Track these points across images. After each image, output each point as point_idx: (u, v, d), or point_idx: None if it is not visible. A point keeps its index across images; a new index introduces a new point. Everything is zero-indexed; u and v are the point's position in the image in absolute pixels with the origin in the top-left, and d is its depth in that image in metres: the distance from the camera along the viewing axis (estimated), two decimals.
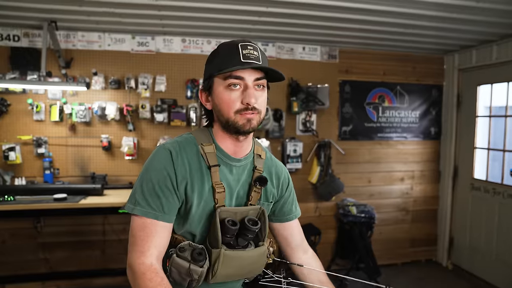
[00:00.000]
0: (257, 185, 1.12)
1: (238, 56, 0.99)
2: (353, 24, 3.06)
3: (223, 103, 1.02)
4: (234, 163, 1.10)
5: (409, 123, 4.12)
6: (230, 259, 1.01)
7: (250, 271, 1.11)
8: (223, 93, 1.02)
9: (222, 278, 1.04)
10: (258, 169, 1.14)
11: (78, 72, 3.28)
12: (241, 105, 1.01)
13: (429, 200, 4.28)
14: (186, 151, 1.05)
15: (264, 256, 1.12)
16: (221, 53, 1.03)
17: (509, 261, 3.44)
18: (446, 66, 4.16)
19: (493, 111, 3.75)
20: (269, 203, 1.20)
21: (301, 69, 3.75)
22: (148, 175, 1.02)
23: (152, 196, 1.00)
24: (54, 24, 2.95)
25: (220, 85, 1.02)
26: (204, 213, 1.06)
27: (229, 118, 1.02)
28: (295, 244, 1.31)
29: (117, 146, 3.38)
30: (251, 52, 1.00)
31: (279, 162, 1.27)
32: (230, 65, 0.99)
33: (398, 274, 3.98)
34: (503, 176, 3.58)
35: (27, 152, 3.24)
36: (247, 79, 1.01)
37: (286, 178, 1.26)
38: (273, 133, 3.65)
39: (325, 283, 1.24)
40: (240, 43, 1.01)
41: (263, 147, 1.22)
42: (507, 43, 3.39)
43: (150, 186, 1.01)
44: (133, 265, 0.96)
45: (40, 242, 3.33)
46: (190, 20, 3.03)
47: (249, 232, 1.04)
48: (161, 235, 1.00)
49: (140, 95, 3.36)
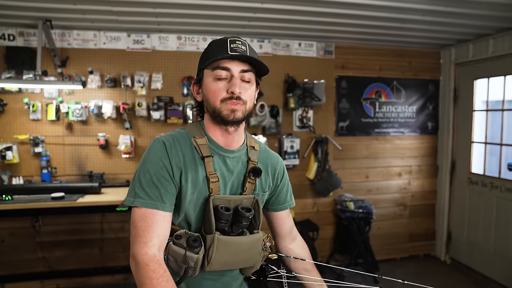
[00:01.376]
0: (251, 176, 1.15)
1: (226, 49, 1.05)
2: (349, 19, 3.06)
3: (210, 93, 1.08)
4: (228, 154, 1.13)
5: (406, 118, 4.12)
6: (224, 244, 1.04)
7: (246, 259, 1.13)
8: (211, 84, 1.07)
9: (218, 265, 1.06)
10: (252, 160, 1.17)
11: (74, 70, 3.28)
12: (226, 94, 1.06)
13: (427, 194, 4.29)
14: (180, 143, 1.09)
15: (259, 245, 1.14)
16: (211, 47, 1.10)
17: (507, 255, 3.45)
18: (442, 60, 4.16)
19: (490, 105, 3.75)
20: (264, 193, 1.22)
21: (297, 65, 3.74)
22: (145, 167, 1.05)
23: (151, 187, 1.02)
24: (49, 23, 2.95)
25: (209, 77, 1.08)
26: (198, 202, 1.09)
27: (215, 107, 1.07)
28: (284, 232, 1.34)
29: (114, 144, 3.39)
30: (239, 46, 1.06)
31: (275, 153, 1.30)
32: (218, 57, 1.04)
33: (396, 269, 3.99)
34: (500, 170, 3.58)
35: (24, 151, 3.25)
36: (233, 70, 1.06)
37: (281, 169, 1.29)
38: (270, 130, 3.65)
39: (311, 271, 1.29)
40: (229, 39, 1.07)
41: (256, 140, 1.25)
42: (503, 36, 3.39)
43: (148, 178, 1.03)
44: (137, 256, 0.97)
45: (39, 241, 3.33)
46: (185, 17, 3.02)
47: (243, 219, 1.07)
48: (162, 224, 1.02)
49: (137, 93, 3.36)
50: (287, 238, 1.34)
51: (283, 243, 1.34)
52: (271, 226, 1.35)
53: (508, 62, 3.43)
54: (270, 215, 1.32)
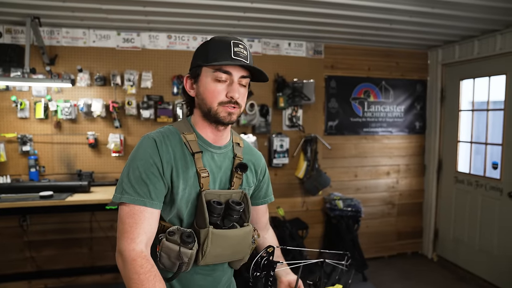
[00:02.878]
0: (238, 171, 1.18)
1: (229, 52, 1.06)
2: (338, 19, 3.10)
3: (208, 93, 1.08)
4: (215, 151, 1.16)
5: (394, 117, 4.18)
6: (218, 237, 1.06)
7: (237, 251, 1.15)
8: (210, 84, 1.08)
9: (212, 258, 1.08)
10: (238, 156, 1.21)
11: (62, 69, 3.26)
12: (225, 98, 1.08)
13: (415, 193, 4.36)
14: (169, 139, 1.10)
15: (250, 237, 1.17)
16: (214, 46, 1.08)
17: (491, 252, 3.53)
18: (430, 61, 4.23)
19: (476, 105, 3.83)
20: (250, 188, 1.25)
21: (287, 64, 3.77)
22: (135, 164, 1.05)
23: (139, 184, 1.03)
24: (38, 20, 2.92)
25: (208, 76, 1.08)
26: (190, 198, 1.10)
27: (212, 108, 1.09)
28: (263, 225, 1.39)
29: (104, 143, 3.37)
30: (241, 50, 1.08)
31: (257, 151, 1.34)
32: (221, 59, 1.05)
33: (384, 266, 4.04)
34: (485, 169, 3.66)
35: (11, 150, 3.21)
36: (234, 75, 1.07)
37: (264, 166, 1.33)
38: (259, 129, 3.67)
39: (280, 257, 1.32)
40: (232, 41, 1.08)
41: (240, 137, 1.29)
42: (487, 38, 3.46)
43: (137, 174, 1.04)
44: (124, 252, 0.98)
45: (26, 241, 3.30)
46: (175, 16, 3.03)
47: (234, 212, 1.09)
48: (150, 221, 1.02)
49: (126, 92, 3.35)
50: (263, 229, 1.40)
51: (261, 233, 1.39)
52: (254, 222, 1.37)
53: (492, 63, 3.51)
54: (254, 210, 1.35)
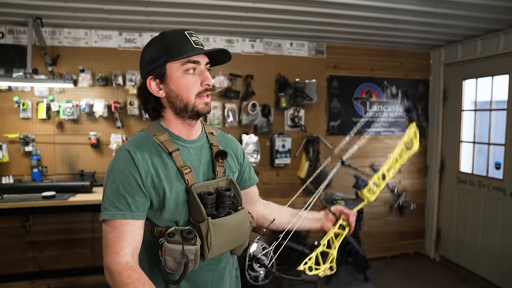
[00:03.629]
0: (219, 159, 1.17)
1: (189, 42, 1.06)
2: (341, 19, 3.09)
3: (183, 87, 1.07)
4: (191, 145, 1.16)
5: (396, 117, 4.17)
6: (219, 226, 1.05)
7: (239, 235, 1.15)
8: (182, 78, 1.07)
9: (217, 249, 1.07)
10: (215, 145, 1.21)
11: (64, 69, 3.26)
12: (200, 87, 1.08)
13: (417, 193, 4.34)
14: (142, 146, 1.08)
15: (247, 219, 1.17)
16: (172, 40, 1.06)
17: (494, 252, 3.52)
18: (432, 61, 4.22)
19: (478, 105, 3.81)
20: (234, 174, 1.26)
21: (289, 64, 3.76)
22: (111, 178, 1.04)
23: (118, 197, 1.02)
24: (40, 20, 2.92)
25: (177, 71, 1.06)
26: (179, 197, 1.08)
27: (189, 102, 1.08)
28: (254, 201, 1.42)
29: (106, 143, 3.37)
30: (197, 39, 1.09)
31: (231, 137, 1.35)
32: (187, 50, 1.04)
33: (387, 267, 4.04)
34: (488, 169, 3.65)
35: (14, 150, 3.22)
36: (201, 63, 1.08)
37: (241, 150, 1.34)
38: (261, 129, 3.67)
39: (294, 214, 1.37)
40: (186, 31, 1.08)
41: (211, 126, 1.28)
42: (491, 38, 3.45)
43: (114, 188, 1.02)
44: (109, 266, 0.98)
45: (29, 241, 3.31)
46: (177, 16, 3.02)
47: (225, 198, 1.10)
48: (133, 233, 1.02)
49: (128, 92, 3.35)
50: (260, 204, 1.44)
51: (257, 208, 1.42)
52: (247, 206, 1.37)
53: (495, 63, 3.49)
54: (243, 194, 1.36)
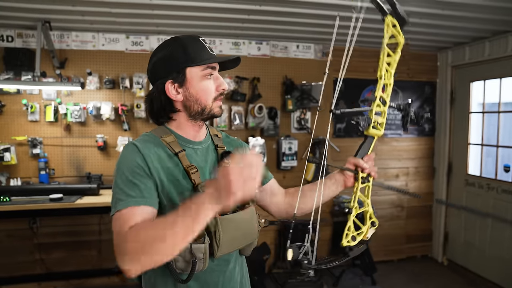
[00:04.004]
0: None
1: (206, 48, 1.11)
2: (347, 21, 3.07)
3: (203, 91, 1.11)
4: (197, 146, 1.17)
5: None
6: (227, 222, 1.05)
7: (248, 232, 1.14)
8: (202, 83, 1.10)
9: (226, 246, 1.06)
10: (220, 146, 1.22)
11: (72, 72, 3.28)
12: (216, 92, 1.12)
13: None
14: (149, 142, 1.09)
15: (255, 216, 1.17)
16: (190, 46, 1.10)
17: (503, 256, 3.47)
18: (439, 63, 4.19)
19: (486, 107, 3.78)
20: None
21: (295, 67, 3.76)
22: (121, 170, 1.03)
23: (129, 186, 0.99)
24: (48, 24, 2.95)
25: (198, 75, 1.10)
26: (185, 196, 1.07)
27: (207, 105, 1.12)
28: (276, 193, 1.35)
29: (113, 145, 3.39)
30: (210, 45, 1.14)
31: (236, 138, 1.36)
32: (206, 57, 1.10)
33: (394, 270, 4.00)
34: (496, 172, 3.61)
35: (22, 152, 3.24)
36: (217, 68, 1.14)
37: (247, 148, 1.35)
38: (268, 131, 3.66)
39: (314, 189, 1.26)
40: (200, 38, 1.13)
41: (216, 128, 1.30)
42: (499, 39, 3.42)
43: (124, 178, 1.01)
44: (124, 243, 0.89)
45: (36, 243, 3.33)
46: (183, 19, 3.04)
47: None
48: (145, 216, 0.97)
49: (135, 95, 3.37)
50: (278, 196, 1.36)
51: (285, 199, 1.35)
52: (263, 204, 1.35)
53: (504, 65, 3.46)
54: (260, 192, 1.32)
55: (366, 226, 1.12)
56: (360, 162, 1.19)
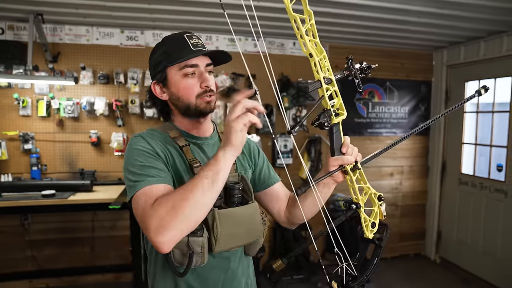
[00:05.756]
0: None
1: (188, 46, 1.08)
2: (344, 19, 3.07)
3: (183, 90, 1.10)
4: (203, 142, 1.18)
5: (398, 118, 4.16)
6: (226, 217, 1.04)
7: (250, 228, 1.12)
8: (181, 82, 1.09)
9: (225, 241, 1.04)
10: None
11: (65, 66, 3.22)
12: (199, 89, 1.09)
13: (418, 194, 4.34)
14: (155, 135, 1.11)
15: (258, 213, 1.15)
16: (170, 45, 1.10)
17: (495, 254, 3.51)
18: (435, 62, 4.21)
19: (480, 107, 3.81)
20: (246, 171, 1.24)
21: (292, 64, 3.74)
22: (132, 159, 1.01)
23: (144, 169, 0.98)
24: (41, 17, 2.89)
25: (177, 75, 1.10)
26: None
27: (191, 103, 1.10)
28: (281, 199, 1.31)
29: (106, 141, 3.34)
30: (197, 41, 1.10)
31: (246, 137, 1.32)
32: (184, 54, 1.07)
33: (387, 268, 4.02)
34: (489, 171, 3.64)
35: (13, 148, 3.18)
36: (200, 65, 1.10)
37: (255, 146, 1.33)
38: (263, 129, 3.64)
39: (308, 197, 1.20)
40: (185, 34, 1.10)
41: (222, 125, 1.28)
42: (494, 40, 3.44)
43: (138, 164, 0.99)
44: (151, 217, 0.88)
45: (28, 240, 3.27)
46: (179, 14, 2.99)
47: (234, 192, 1.08)
48: (167, 192, 0.95)
49: (130, 90, 3.32)
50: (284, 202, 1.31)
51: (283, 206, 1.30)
52: (269, 206, 1.31)
53: (498, 65, 3.49)
54: (265, 194, 1.30)
55: (377, 205, 1.08)
56: (344, 159, 1.06)
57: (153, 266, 1.15)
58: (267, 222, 1.22)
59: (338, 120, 1.00)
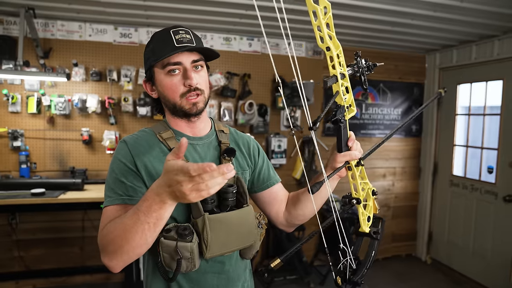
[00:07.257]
0: (226, 157, 1.13)
1: (171, 42, 1.02)
2: (338, 20, 3.07)
3: (167, 89, 1.06)
4: (197, 142, 1.13)
5: (391, 120, 4.19)
6: (216, 222, 0.99)
7: (242, 235, 1.07)
8: (165, 80, 1.06)
9: (217, 247, 1.00)
10: (223, 143, 1.17)
11: (57, 62, 3.16)
12: (184, 88, 1.05)
13: (410, 196, 4.37)
14: (142, 141, 1.08)
15: (252, 218, 1.10)
16: (155, 42, 1.06)
17: (485, 255, 3.55)
18: (427, 65, 4.25)
19: (472, 110, 3.85)
20: (244, 171, 1.20)
21: (286, 64, 3.72)
22: (111, 168, 1.05)
23: (117, 184, 1.01)
24: (32, 11, 2.83)
25: (161, 73, 1.06)
26: None
27: (176, 102, 1.06)
28: (280, 200, 1.28)
29: (98, 139, 3.28)
30: (184, 36, 1.04)
31: (245, 134, 1.30)
32: (166, 51, 1.02)
33: (379, 269, 4.03)
34: (480, 173, 3.68)
35: (1, 145, 3.10)
36: (184, 62, 1.04)
37: (255, 145, 1.29)
38: (257, 128, 3.63)
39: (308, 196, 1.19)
40: (171, 30, 1.05)
41: (225, 124, 1.25)
42: (485, 43, 3.49)
43: (113, 176, 1.02)
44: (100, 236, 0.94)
45: (15, 240, 3.19)
46: (174, 12, 2.96)
47: (228, 195, 1.04)
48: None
49: (123, 88, 3.27)
50: (283, 204, 1.29)
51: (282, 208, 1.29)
52: (266, 209, 1.29)
53: (489, 69, 3.53)
54: (263, 196, 1.27)
55: (371, 199, 1.07)
56: (352, 155, 1.03)
57: (146, 267, 1.13)
58: (263, 225, 1.18)
59: (350, 116, 0.99)
